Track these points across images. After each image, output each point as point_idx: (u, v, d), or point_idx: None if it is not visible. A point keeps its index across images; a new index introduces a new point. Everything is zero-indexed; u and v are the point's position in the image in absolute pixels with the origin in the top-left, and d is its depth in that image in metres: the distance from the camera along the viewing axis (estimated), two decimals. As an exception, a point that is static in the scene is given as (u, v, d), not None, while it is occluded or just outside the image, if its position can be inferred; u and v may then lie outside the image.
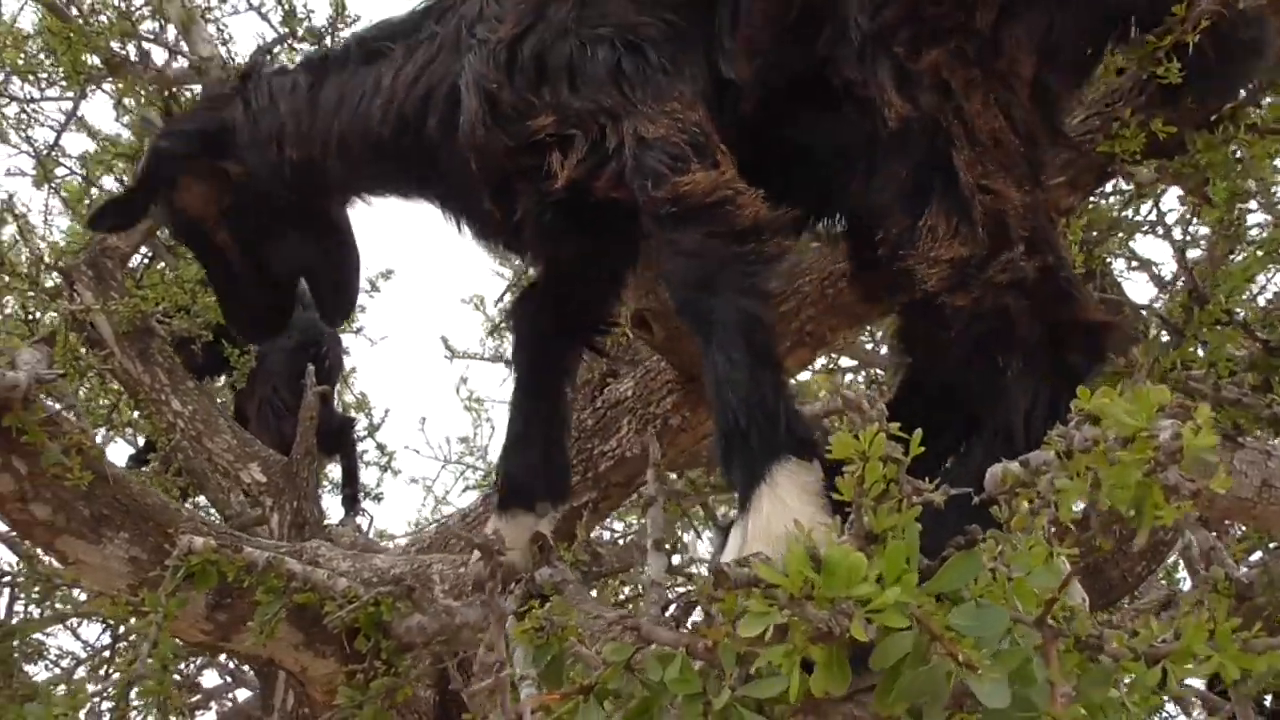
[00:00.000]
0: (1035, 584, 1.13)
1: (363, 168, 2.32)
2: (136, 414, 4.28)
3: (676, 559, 4.10)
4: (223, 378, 4.86)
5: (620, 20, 1.91)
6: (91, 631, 5.52)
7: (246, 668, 4.35)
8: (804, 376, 3.24)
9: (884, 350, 3.39)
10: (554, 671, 1.78)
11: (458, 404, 5.86)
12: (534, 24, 1.96)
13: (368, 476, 5.22)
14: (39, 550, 2.51)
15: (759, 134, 1.90)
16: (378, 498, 5.31)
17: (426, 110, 2.13)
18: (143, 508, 2.53)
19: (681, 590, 2.42)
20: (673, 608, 2.01)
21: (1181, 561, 3.59)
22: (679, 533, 4.54)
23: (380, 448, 5.24)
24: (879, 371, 3.42)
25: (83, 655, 4.11)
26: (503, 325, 5.13)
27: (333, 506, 5.14)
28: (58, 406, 2.46)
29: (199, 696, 4.75)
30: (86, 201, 4.28)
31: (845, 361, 3.78)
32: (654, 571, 2.01)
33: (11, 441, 2.34)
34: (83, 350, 4.13)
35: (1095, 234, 2.82)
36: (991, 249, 1.59)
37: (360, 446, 5.15)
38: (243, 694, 4.71)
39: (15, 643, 3.59)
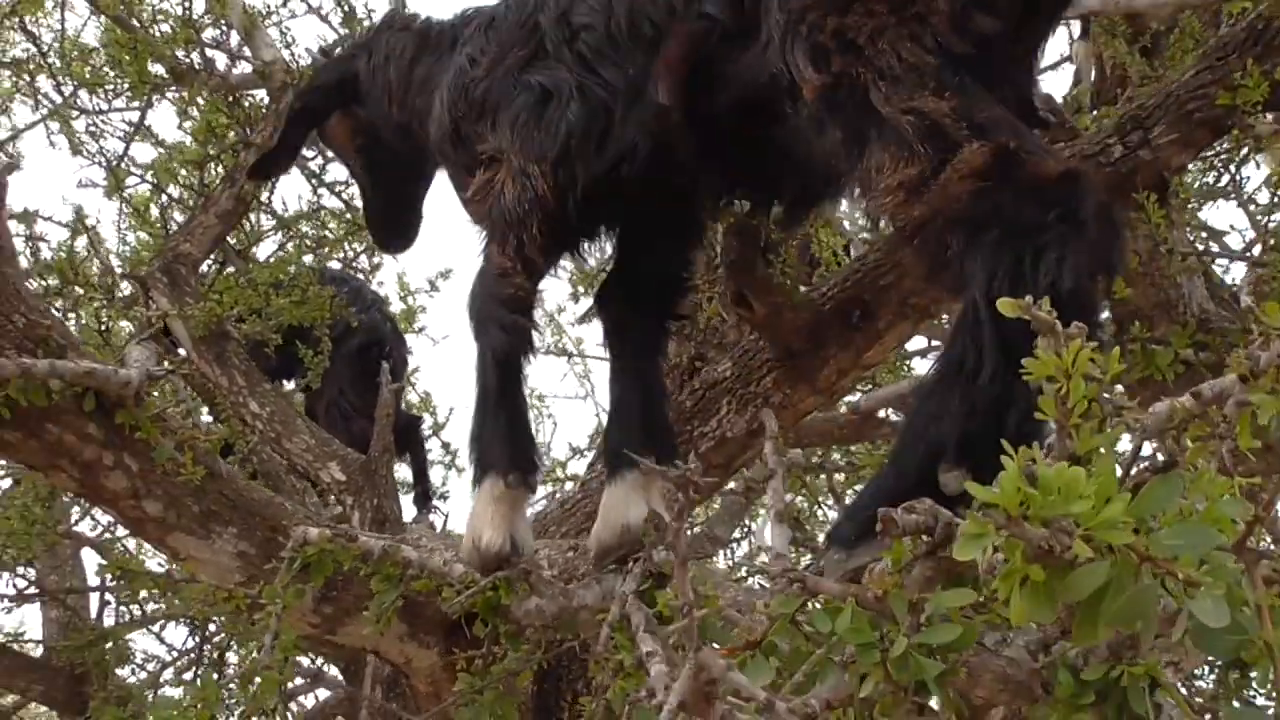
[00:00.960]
0: (1226, 512, 1.11)
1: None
2: (209, 417, 4.30)
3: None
4: (290, 383, 4.88)
5: (547, 77, 2.25)
6: (176, 635, 5.55)
7: (328, 666, 4.36)
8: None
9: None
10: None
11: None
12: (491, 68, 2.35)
13: (434, 475, 5.23)
14: (151, 547, 2.51)
15: (738, 139, 2.09)
16: (444, 496, 5.31)
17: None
18: (249, 503, 2.54)
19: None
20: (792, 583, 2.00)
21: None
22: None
23: (445, 446, 5.24)
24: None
25: (168, 658, 4.13)
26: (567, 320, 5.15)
27: (404, 505, 5.15)
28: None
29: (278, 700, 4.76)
30: (155, 210, 4.32)
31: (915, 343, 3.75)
32: (778, 543, 2.00)
33: (124, 439, 2.36)
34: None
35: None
36: (938, 158, 1.64)
37: (425, 445, 5.16)
38: (323, 694, 4.72)
39: (109, 645, 3.64)
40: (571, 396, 12.05)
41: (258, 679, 2.17)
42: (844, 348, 2.56)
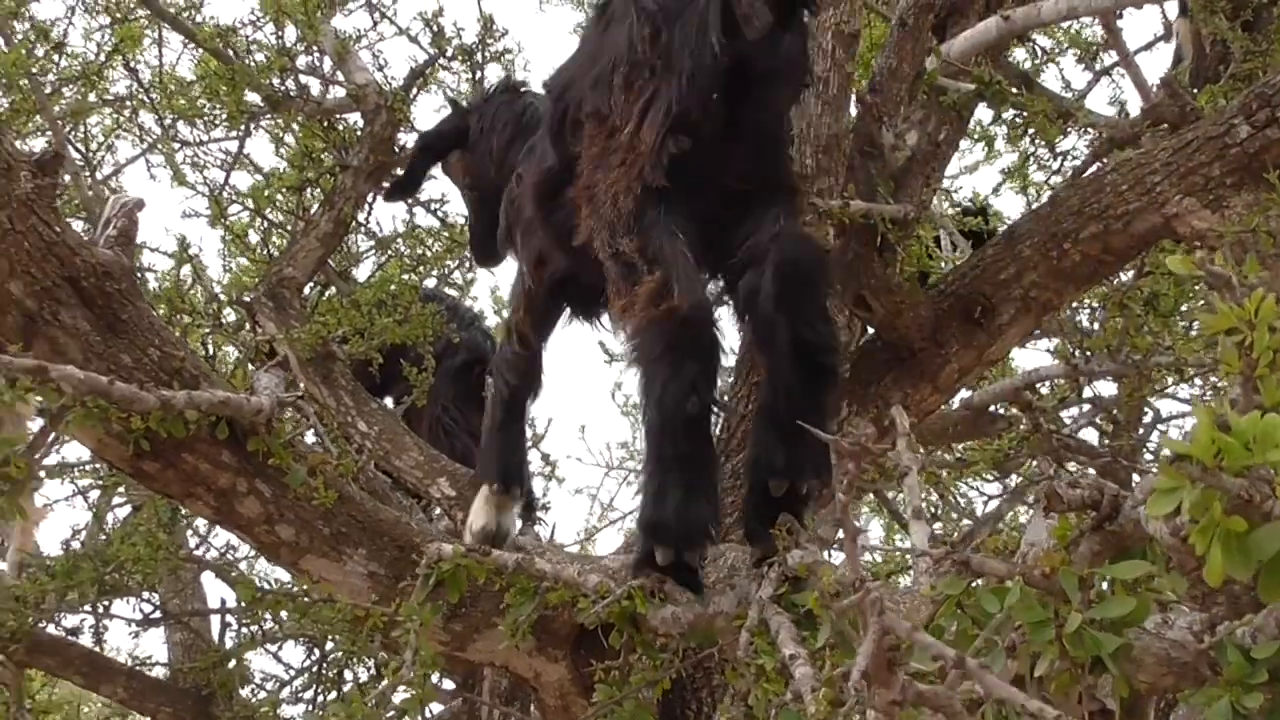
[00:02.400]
0: None
1: None
2: (313, 438, 4.36)
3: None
4: (391, 400, 4.93)
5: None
6: (294, 655, 5.62)
7: (443, 680, 4.39)
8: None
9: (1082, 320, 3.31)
10: (846, 640, 1.76)
11: (615, 410, 5.83)
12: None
13: (534, 487, 5.24)
14: (284, 569, 2.55)
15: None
16: (545, 507, 5.32)
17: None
18: (377, 524, 2.57)
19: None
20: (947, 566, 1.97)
21: None
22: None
23: (545, 457, 5.25)
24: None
25: (285, 676, 4.18)
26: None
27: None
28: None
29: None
30: (255, 235, 4.40)
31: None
32: (919, 540, 1.98)
33: (256, 466, 2.40)
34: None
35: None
36: (631, 289, 2.21)
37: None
38: (436, 707, 4.76)
39: (231, 665, 3.70)
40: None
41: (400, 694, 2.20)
42: (966, 345, 2.52)
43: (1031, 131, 3.69)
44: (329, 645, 4.01)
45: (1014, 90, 2.58)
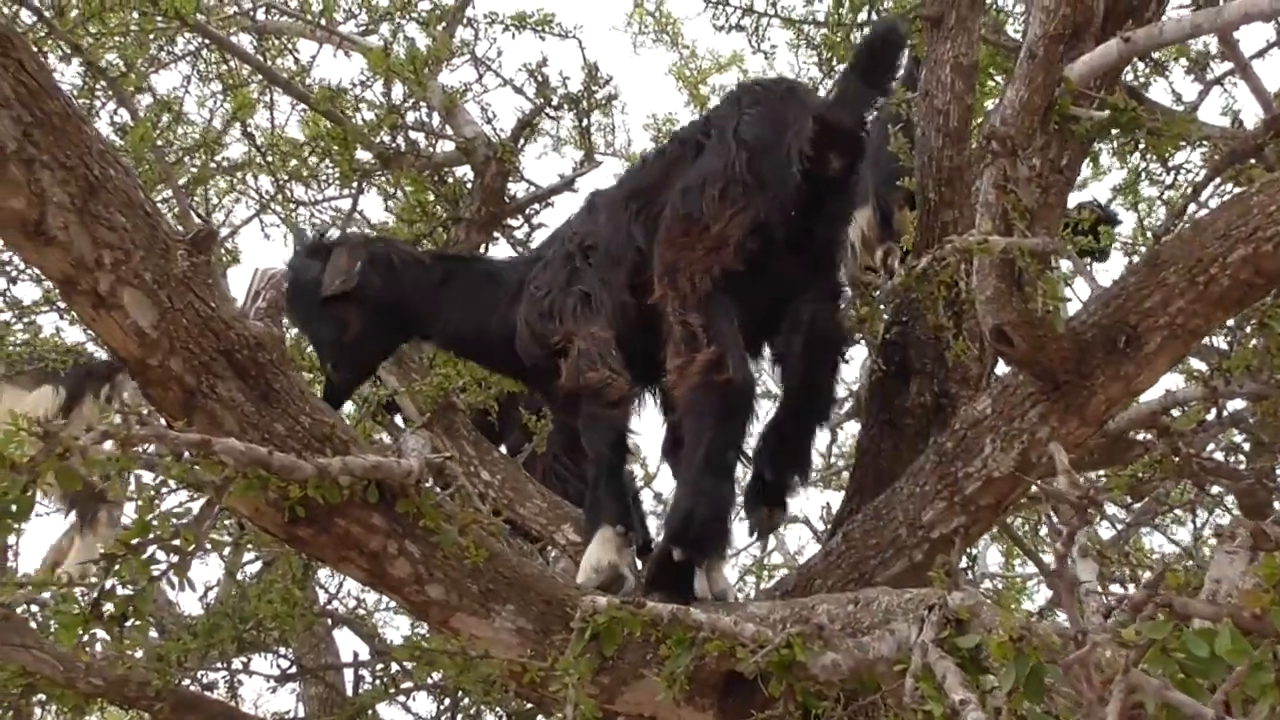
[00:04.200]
0: None
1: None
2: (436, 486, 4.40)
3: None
4: (504, 447, 4.97)
5: (583, 284, 3.11)
6: (423, 705, 5.67)
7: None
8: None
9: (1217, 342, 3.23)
10: (1034, 683, 1.72)
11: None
12: (550, 289, 3.14)
13: (649, 527, 5.24)
14: (434, 628, 2.57)
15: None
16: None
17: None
18: (523, 579, 2.58)
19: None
20: (1115, 613, 1.92)
21: None
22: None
23: (657, 497, 5.26)
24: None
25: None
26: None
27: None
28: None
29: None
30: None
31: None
32: (1087, 576, 1.94)
33: (406, 527, 2.43)
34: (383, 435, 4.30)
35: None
36: (691, 356, 2.75)
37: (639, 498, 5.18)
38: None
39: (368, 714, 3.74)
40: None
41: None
42: (1113, 376, 2.47)
43: (1142, 147, 3.64)
44: (460, 695, 4.03)
45: (1149, 115, 2.53)
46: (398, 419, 4.39)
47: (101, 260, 2.09)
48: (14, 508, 1.90)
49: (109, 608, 2.11)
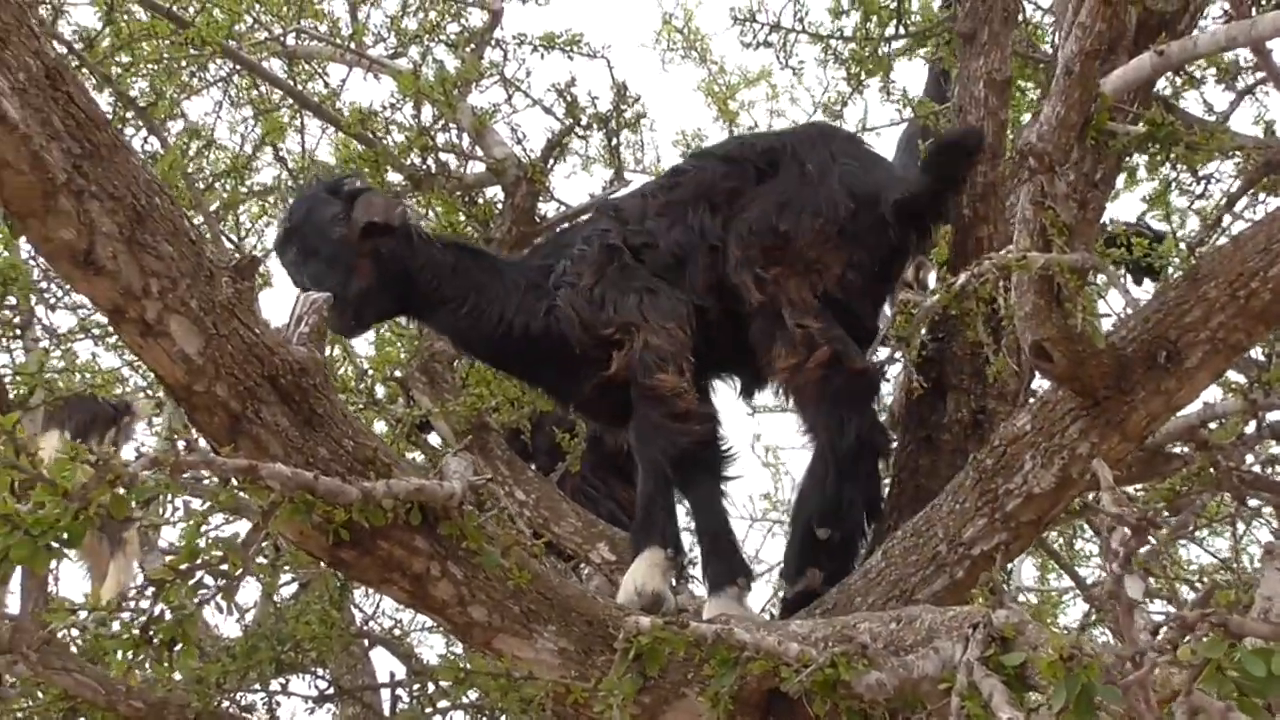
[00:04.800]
0: None
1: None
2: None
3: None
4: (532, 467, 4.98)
5: (642, 281, 3.17)
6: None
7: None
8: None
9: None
10: (1084, 703, 1.72)
11: (755, 461, 5.82)
12: (598, 280, 3.18)
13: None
14: (477, 649, 2.58)
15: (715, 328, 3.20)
16: (693, 562, 5.31)
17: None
18: (564, 600, 2.58)
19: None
20: (1164, 630, 1.91)
21: None
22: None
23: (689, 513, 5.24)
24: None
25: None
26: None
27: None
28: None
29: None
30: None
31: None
32: (1134, 593, 1.93)
33: (449, 549, 2.44)
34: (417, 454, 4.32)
35: None
36: (808, 355, 3.02)
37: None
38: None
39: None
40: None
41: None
42: (1154, 391, 2.46)
43: (1172, 157, 3.62)
44: (498, 715, 4.03)
45: (1187, 129, 2.52)
46: (431, 437, 4.42)
47: (149, 288, 2.11)
48: (66, 535, 1.92)
49: (157, 633, 2.13)
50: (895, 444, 3.33)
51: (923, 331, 3.19)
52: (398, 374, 4.08)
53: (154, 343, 2.16)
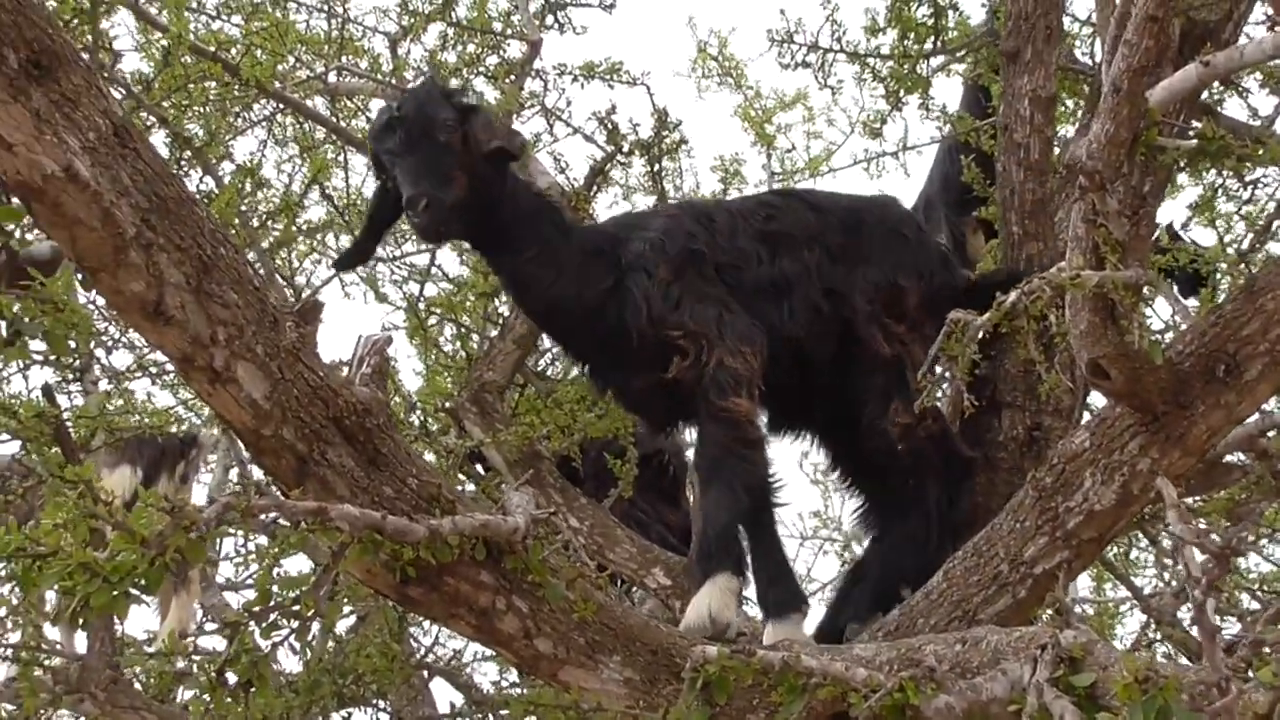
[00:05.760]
0: None
1: None
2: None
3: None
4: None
5: (723, 299, 3.15)
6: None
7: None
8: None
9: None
10: None
11: (804, 479, 5.81)
12: (676, 279, 3.12)
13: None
14: (544, 681, 2.60)
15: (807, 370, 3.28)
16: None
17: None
18: (628, 629, 2.59)
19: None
20: (1239, 650, 1.91)
21: None
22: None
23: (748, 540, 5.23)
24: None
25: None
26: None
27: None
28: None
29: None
30: (448, 344, 4.53)
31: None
32: (1209, 615, 1.92)
33: (514, 583, 2.46)
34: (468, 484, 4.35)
35: None
36: (920, 418, 3.08)
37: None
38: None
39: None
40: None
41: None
42: (1214, 405, 2.45)
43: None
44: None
45: (1239, 141, 2.52)
46: (477, 466, 4.45)
47: (216, 336, 2.15)
48: (144, 581, 1.96)
49: (234, 673, 2.17)
50: None
51: (973, 349, 3.19)
52: (447, 405, 4.10)
53: (222, 389, 2.20)
